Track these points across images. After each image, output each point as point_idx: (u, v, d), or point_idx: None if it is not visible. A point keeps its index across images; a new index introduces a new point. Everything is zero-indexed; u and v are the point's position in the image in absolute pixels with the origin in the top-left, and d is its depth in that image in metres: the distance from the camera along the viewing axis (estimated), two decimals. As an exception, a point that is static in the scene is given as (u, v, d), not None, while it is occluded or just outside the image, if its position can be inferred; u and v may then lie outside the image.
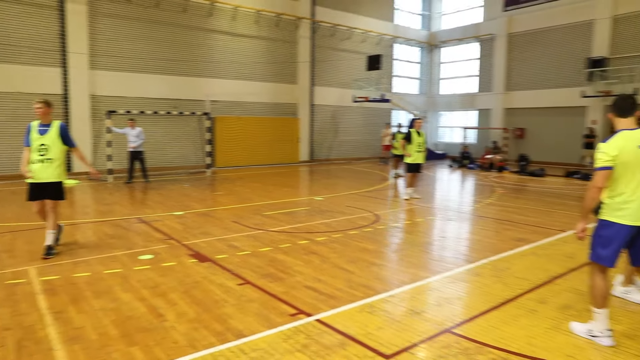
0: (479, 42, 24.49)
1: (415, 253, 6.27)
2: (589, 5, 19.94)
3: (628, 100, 3.58)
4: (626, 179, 3.44)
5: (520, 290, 4.83)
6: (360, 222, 8.19)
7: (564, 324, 3.99)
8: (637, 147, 3.42)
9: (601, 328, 3.62)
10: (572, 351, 3.52)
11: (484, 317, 4.15)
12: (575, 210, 9.70)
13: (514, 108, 22.99)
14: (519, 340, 3.68)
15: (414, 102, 25.71)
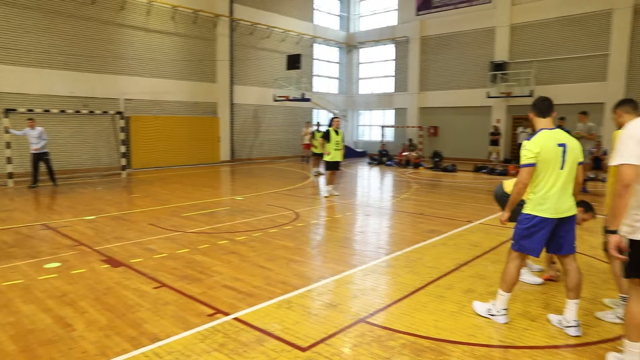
0: (394, 44, 25.50)
1: (333, 248, 6.45)
2: (490, 14, 21.50)
3: (546, 102, 3.82)
4: (547, 174, 3.65)
5: (430, 278, 5.14)
6: (280, 221, 8.25)
7: (467, 306, 4.32)
8: (556, 145, 3.65)
9: (499, 308, 3.95)
10: (473, 331, 3.82)
11: (396, 305, 4.38)
12: (481, 202, 10.45)
13: (428, 107, 24.22)
14: (427, 325, 3.93)
15: (334, 101, 26.23)
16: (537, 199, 3.70)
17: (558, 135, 3.71)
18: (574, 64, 19.37)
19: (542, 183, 3.67)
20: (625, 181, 2.81)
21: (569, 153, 3.67)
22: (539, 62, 20.12)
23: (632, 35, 17.89)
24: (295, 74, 21.88)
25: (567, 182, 3.70)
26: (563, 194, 3.68)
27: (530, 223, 3.72)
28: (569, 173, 3.69)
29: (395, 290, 4.78)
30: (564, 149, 3.66)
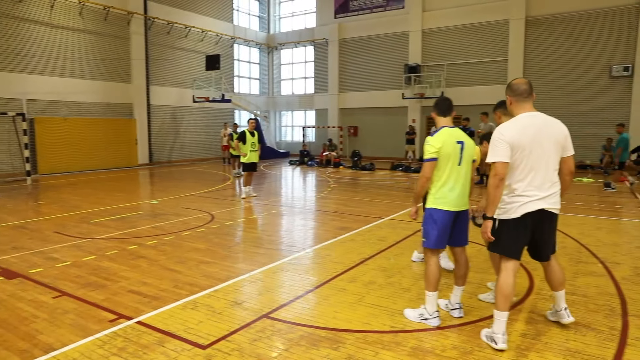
0: (313, 46, 25.95)
1: (245, 248, 6.54)
2: (404, 19, 22.56)
3: (446, 102, 4.06)
4: (447, 169, 3.86)
5: (334, 273, 5.40)
6: (194, 223, 8.19)
7: (367, 297, 4.61)
8: (455, 142, 3.89)
9: (431, 310, 3.95)
10: (369, 319, 4.09)
11: (300, 300, 4.57)
12: (394, 198, 11.00)
13: (348, 108, 24.92)
14: (326, 316, 4.16)
15: (255, 102, 26.19)
16: (439, 192, 3.91)
17: (457, 133, 3.96)
18: (479, 68, 20.85)
19: (444, 177, 3.87)
20: (499, 175, 3.39)
21: (465, 150, 3.93)
22: (449, 65, 21.42)
23: (526, 43, 19.60)
24: (215, 74, 21.63)
25: (463, 178, 3.94)
26: (460, 188, 3.92)
27: (437, 217, 3.90)
28: (466, 169, 3.95)
29: (301, 286, 4.97)
30: (462, 146, 3.91)
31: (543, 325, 3.93)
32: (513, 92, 3.53)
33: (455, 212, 3.93)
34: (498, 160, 3.40)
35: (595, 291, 4.74)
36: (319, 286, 4.95)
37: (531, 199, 3.45)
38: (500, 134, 3.47)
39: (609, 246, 6.58)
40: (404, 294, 4.68)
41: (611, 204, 10.38)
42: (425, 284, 3.99)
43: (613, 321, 4.00)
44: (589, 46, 18.41)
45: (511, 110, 3.62)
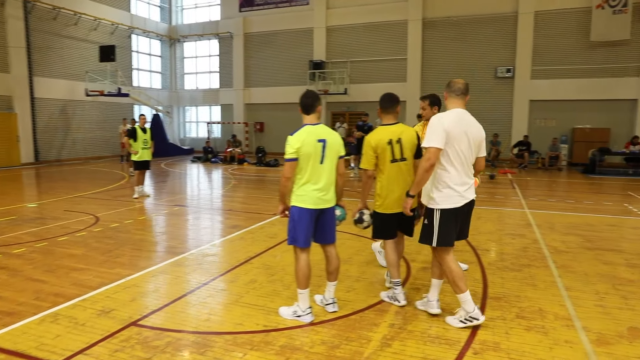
0: (218, 39, 25.28)
1: (126, 252, 6.15)
2: (308, 16, 22.72)
3: (309, 99, 3.90)
4: (308, 168, 3.80)
5: (217, 273, 5.25)
6: (74, 227, 7.57)
7: (245, 297, 4.51)
8: (316, 140, 3.78)
9: (304, 307, 3.93)
10: (242, 319, 4.00)
11: (174, 304, 4.36)
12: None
13: (253, 103, 24.61)
14: (199, 319, 4.00)
15: (157, 96, 24.97)
16: (301, 191, 3.87)
17: (319, 130, 3.87)
18: (381, 66, 21.58)
19: (305, 176, 3.83)
20: (432, 160, 3.61)
21: (328, 148, 3.85)
22: (352, 62, 21.94)
23: (423, 43, 20.64)
24: (110, 66, 20.27)
25: (327, 176, 3.89)
26: (323, 186, 3.87)
27: (297, 215, 3.88)
28: (330, 167, 3.90)
29: (179, 289, 4.75)
30: (323, 144, 3.83)
31: (411, 314, 4.09)
32: (449, 89, 3.80)
33: (317, 210, 3.89)
34: (433, 146, 3.58)
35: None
36: (198, 288, 4.77)
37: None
38: (439, 120, 3.64)
39: (483, 234, 7.08)
40: (284, 292, 4.65)
41: (492, 194, 11.24)
42: (296, 282, 3.98)
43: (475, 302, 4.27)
44: (478, 49, 19.81)
45: (446, 105, 3.86)
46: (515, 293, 4.61)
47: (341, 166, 4.05)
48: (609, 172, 15.62)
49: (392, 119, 4.24)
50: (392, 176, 4.15)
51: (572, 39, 18.39)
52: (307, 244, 3.92)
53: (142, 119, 10.56)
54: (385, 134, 4.14)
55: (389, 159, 4.11)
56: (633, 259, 5.82)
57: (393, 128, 4.18)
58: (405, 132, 4.18)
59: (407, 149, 4.15)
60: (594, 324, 3.88)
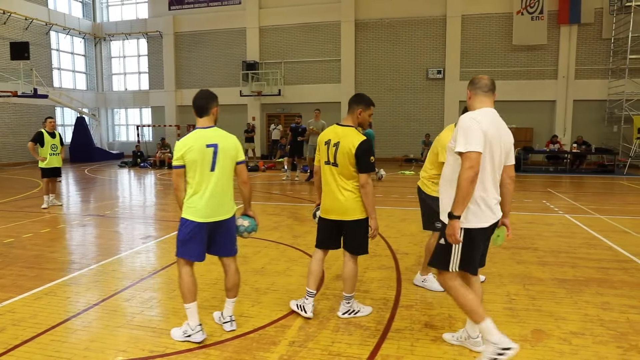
0: (147, 39, 24.19)
1: (12, 272, 5.46)
2: (241, 15, 22.22)
3: (203, 100, 3.57)
4: (196, 176, 3.45)
5: (112, 291, 4.75)
6: (-39, 243, 6.75)
7: (137, 317, 4.06)
8: (206, 146, 3.43)
9: (193, 325, 3.57)
10: (126, 346, 3.56)
11: (55, 330, 3.84)
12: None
13: (186, 105, 23.74)
14: (77, 348, 3.52)
15: (82, 98, 23.51)
16: (189, 202, 3.52)
17: (210, 134, 3.52)
18: (315, 67, 21.46)
19: (194, 186, 3.48)
20: (476, 167, 2.85)
21: (221, 154, 3.50)
22: (286, 63, 21.66)
23: (356, 44, 20.71)
24: (24, 65, 18.80)
25: (219, 185, 3.52)
26: (216, 196, 3.51)
27: (186, 227, 3.52)
28: (222, 175, 3.52)
29: (61, 314, 4.21)
30: (214, 149, 3.47)
31: (315, 329, 3.82)
32: (474, 86, 3.18)
33: (207, 224, 3.52)
34: (474, 150, 2.86)
35: (377, 285, 4.86)
36: (85, 310, 4.26)
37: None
38: (474, 119, 2.96)
39: (406, 237, 6.98)
40: (182, 310, 4.24)
41: (421, 194, 11.28)
42: (181, 297, 3.62)
43: (382, 315, 4.07)
44: (410, 50, 20.13)
45: (470, 105, 3.20)
46: (428, 300, 4.46)
47: (243, 173, 3.68)
48: (532, 170, 16.30)
49: (348, 120, 3.92)
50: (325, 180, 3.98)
51: (497, 43, 19.10)
52: (192, 257, 3.56)
53: (50, 123, 9.70)
54: (328, 133, 3.97)
55: (324, 159, 3.91)
56: (545, 256, 5.90)
57: (339, 129, 3.93)
58: (346, 137, 3.79)
59: (341, 154, 3.75)
60: (500, 328, 3.75)
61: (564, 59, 18.29)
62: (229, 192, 3.62)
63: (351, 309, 4.01)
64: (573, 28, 18.14)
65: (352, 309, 4.01)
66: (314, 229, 4.23)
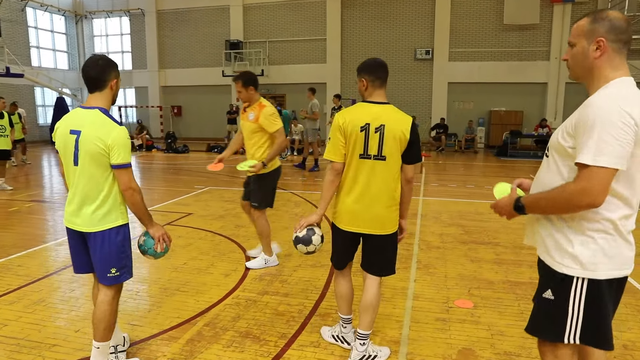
0: (129, 17, 23.37)
1: None
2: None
3: (88, 69, 2.63)
4: (69, 171, 2.69)
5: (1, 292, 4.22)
6: None
7: (7, 328, 3.54)
8: (69, 131, 2.60)
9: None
10: None
11: None
12: (179, 184, 9.97)
13: (170, 86, 23.05)
14: None
15: (63, 78, 22.81)
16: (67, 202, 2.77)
17: (76, 117, 2.63)
18: (301, 46, 20.67)
19: (67, 180, 2.77)
20: (598, 197, 1.66)
21: (83, 144, 2.57)
22: (271, 42, 20.88)
23: (342, 23, 19.89)
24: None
25: (82, 184, 2.63)
26: (74, 199, 2.68)
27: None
28: (88, 173, 2.61)
29: None
30: (77, 137, 2.58)
31: (206, 343, 3.28)
32: (613, 31, 1.74)
33: (75, 232, 2.73)
34: (608, 166, 1.61)
35: (302, 287, 4.31)
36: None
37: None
38: (628, 114, 1.62)
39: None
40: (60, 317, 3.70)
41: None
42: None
43: (292, 326, 3.53)
44: (398, 29, 19.31)
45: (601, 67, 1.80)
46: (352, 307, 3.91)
47: (121, 178, 2.62)
48: (519, 155, 15.67)
49: (383, 95, 2.87)
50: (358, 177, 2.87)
51: (487, 22, 18.27)
52: (75, 270, 2.87)
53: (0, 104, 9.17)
54: (363, 114, 2.80)
55: (358, 152, 2.79)
56: (504, 253, 5.33)
57: (377, 109, 2.82)
58: (395, 120, 2.81)
59: (389, 143, 2.78)
60: (423, 347, 3.21)
61: (556, 40, 17.48)
62: (96, 196, 2.64)
63: (366, 353, 2.96)
64: (567, 7, 17.29)
65: (367, 353, 2.97)
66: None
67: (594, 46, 1.76)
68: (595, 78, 1.80)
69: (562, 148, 1.80)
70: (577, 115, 1.74)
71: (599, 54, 1.76)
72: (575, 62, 1.85)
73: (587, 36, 1.78)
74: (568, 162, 1.79)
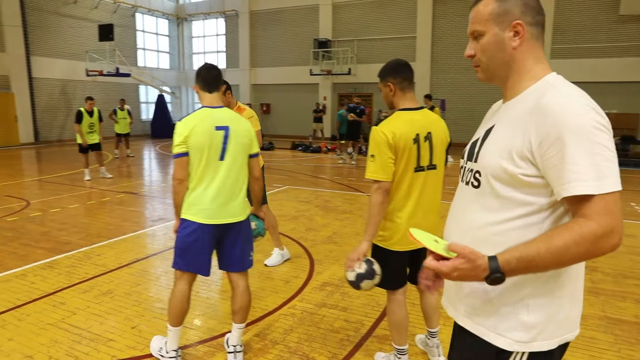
0: (224, 18, 24.42)
1: (10, 248, 5.40)
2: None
3: (212, 71, 2.87)
4: (201, 166, 2.74)
5: (80, 279, 4.42)
6: (-12, 215, 6.96)
7: (76, 316, 3.67)
8: (215, 128, 2.73)
9: (170, 348, 2.95)
10: (44, 348, 3.16)
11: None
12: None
13: (260, 84, 23.73)
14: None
15: (164, 77, 24.45)
16: (191, 198, 2.80)
17: (220, 115, 2.80)
18: (389, 45, 20.19)
19: (196, 177, 2.77)
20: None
21: (232, 139, 2.78)
22: (359, 41, 20.65)
23: (434, 20, 19.09)
24: (110, 46, 19.77)
25: (230, 178, 2.81)
26: (218, 192, 2.78)
27: (183, 230, 2.82)
28: (234, 166, 2.82)
29: (19, 299, 3.94)
30: (225, 133, 2.76)
31: (249, 356, 3.13)
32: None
33: (212, 226, 2.79)
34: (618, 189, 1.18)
35: (363, 301, 4.02)
36: (34, 301, 3.95)
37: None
38: (601, 116, 1.21)
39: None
40: (130, 309, 3.77)
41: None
42: (167, 315, 2.95)
43: (346, 346, 3.26)
44: (494, 24, 18.09)
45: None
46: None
47: (256, 167, 2.98)
48: (632, 164, 13.91)
49: (414, 99, 2.66)
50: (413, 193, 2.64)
51: (598, 14, 16.45)
52: (194, 269, 2.86)
53: (89, 103, 10.08)
54: (410, 124, 2.55)
55: (412, 165, 2.57)
56: (603, 281, 4.60)
57: (418, 116, 2.61)
58: (435, 123, 2.68)
59: (438, 149, 2.65)
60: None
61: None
62: (240, 189, 2.89)
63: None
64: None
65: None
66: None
67: (510, 32, 1.31)
68: (517, 75, 1.34)
69: (510, 175, 1.26)
70: (533, 129, 1.21)
71: (518, 42, 1.31)
72: (488, 58, 1.36)
73: (498, 21, 1.32)
74: (522, 194, 1.25)
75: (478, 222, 1.33)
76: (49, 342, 3.26)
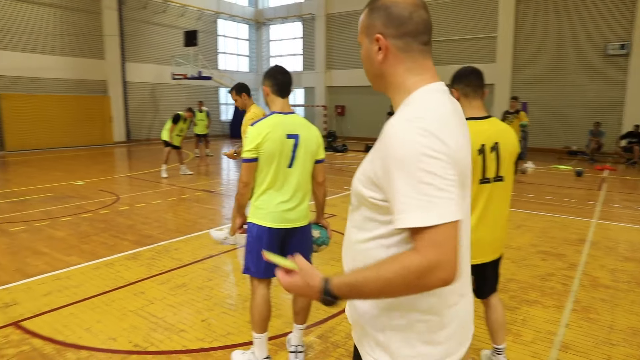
0: (301, 22, 24.94)
1: (100, 239, 5.94)
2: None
3: (286, 75, 2.91)
4: (271, 172, 2.82)
5: (159, 271, 4.77)
6: (88, 207, 7.67)
7: (154, 305, 3.97)
8: (286, 136, 2.79)
9: (260, 357, 2.99)
10: (120, 333, 3.46)
11: (77, 305, 3.96)
12: (329, 182, 10.24)
13: (335, 86, 23.95)
14: (81, 327, 3.54)
15: (243, 79, 25.41)
16: (259, 203, 2.88)
17: (292, 121, 2.86)
18: (467, 45, 19.57)
19: (266, 183, 2.84)
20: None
21: (301, 147, 2.85)
22: (436, 42, 20.18)
23: (517, 19, 18.20)
24: (193, 50, 20.93)
25: (297, 185, 2.89)
26: (291, 199, 2.89)
27: (253, 235, 2.91)
28: (302, 173, 2.90)
29: (92, 290, 4.33)
30: (295, 141, 2.83)
31: (310, 357, 3.21)
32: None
33: (280, 230, 2.89)
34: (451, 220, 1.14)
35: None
36: (119, 288, 4.33)
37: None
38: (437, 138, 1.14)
39: (509, 250, 5.73)
40: (204, 302, 4.01)
41: (561, 195, 9.35)
42: (251, 323, 3.02)
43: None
44: (583, 22, 16.93)
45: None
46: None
47: (320, 173, 3.01)
48: None
49: (481, 107, 2.63)
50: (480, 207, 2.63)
51: None
52: (265, 273, 2.92)
53: (188, 114, 11.43)
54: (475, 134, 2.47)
55: (477, 177, 2.54)
56: (698, 300, 4.19)
57: (485, 125, 2.59)
58: (503, 133, 2.62)
59: (506, 160, 2.59)
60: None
61: None
62: (306, 195, 2.99)
63: None
64: None
65: None
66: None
67: (375, 46, 1.26)
68: (392, 88, 1.30)
69: (364, 198, 1.23)
70: (378, 155, 1.18)
71: (382, 56, 1.26)
72: (366, 69, 1.34)
73: (366, 33, 1.29)
74: (382, 217, 1.20)
75: (351, 239, 1.33)
76: (130, 327, 3.56)
